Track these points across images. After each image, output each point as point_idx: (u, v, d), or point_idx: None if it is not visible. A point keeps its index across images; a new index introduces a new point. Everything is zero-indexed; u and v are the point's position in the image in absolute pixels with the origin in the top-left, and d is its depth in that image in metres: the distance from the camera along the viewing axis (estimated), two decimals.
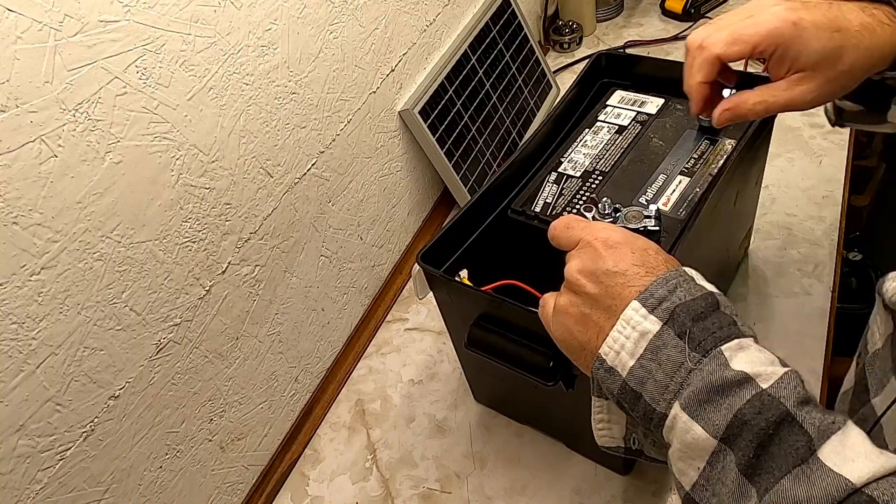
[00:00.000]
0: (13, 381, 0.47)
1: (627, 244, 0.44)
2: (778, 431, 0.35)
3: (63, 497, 0.53)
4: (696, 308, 0.40)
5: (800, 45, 0.45)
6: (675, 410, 0.38)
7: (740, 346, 0.39)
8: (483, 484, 0.72)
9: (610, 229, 0.46)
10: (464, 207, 0.64)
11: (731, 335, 0.39)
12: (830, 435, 0.35)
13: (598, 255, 0.44)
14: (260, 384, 0.72)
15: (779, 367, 0.38)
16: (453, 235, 0.64)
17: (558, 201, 0.64)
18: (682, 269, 0.43)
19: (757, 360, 0.38)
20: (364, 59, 0.79)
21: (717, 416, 0.36)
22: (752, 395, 0.36)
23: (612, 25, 1.31)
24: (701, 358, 0.38)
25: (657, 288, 0.41)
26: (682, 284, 0.41)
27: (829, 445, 0.34)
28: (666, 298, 0.40)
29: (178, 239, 0.58)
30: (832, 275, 0.81)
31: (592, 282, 0.43)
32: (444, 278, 0.60)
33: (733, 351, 0.38)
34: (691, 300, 0.40)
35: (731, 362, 0.38)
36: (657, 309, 0.40)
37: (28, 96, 0.44)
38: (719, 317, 0.40)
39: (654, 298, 0.40)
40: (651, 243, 0.45)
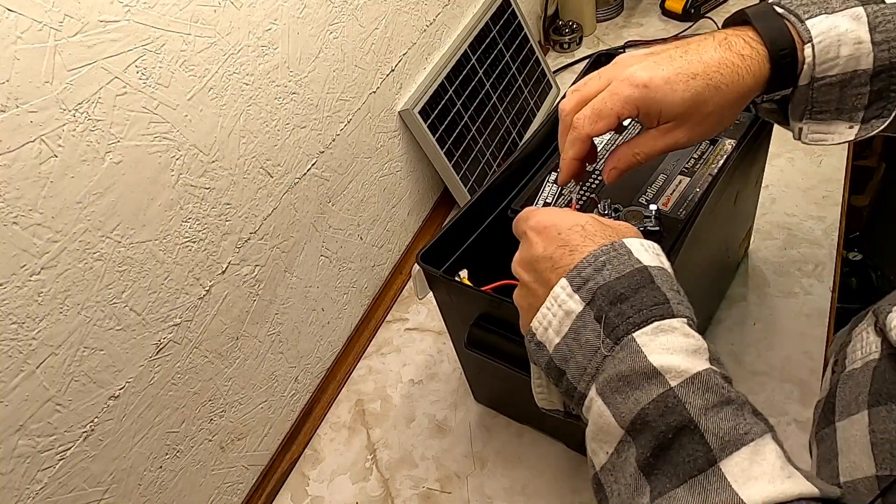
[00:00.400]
0: (13, 381, 0.47)
1: (555, 226, 0.44)
2: (678, 437, 0.34)
3: (63, 497, 0.53)
4: (617, 289, 0.39)
5: (658, 102, 0.46)
6: (592, 393, 0.38)
7: (659, 329, 0.38)
8: (483, 484, 0.72)
9: (543, 213, 0.46)
10: (464, 207, 0.64)
11: (651, 318, 0.38)
12: (740, 447, 0.34)
13: (530, 244, 0.45)
14: (260, 384, 0.72)
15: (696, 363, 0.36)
16: (453, 235, 0.64)
17: (558, 201, 0.64)
18: (618, 244, 0.41)
19: (676, 346, 0.37)
20: (364, 59, 0.79)
21: (625, 407, 0.36)
22: (659, 393, 0.35)
23: (612, 25, 1.31)
24: (613, 345, 0.38)
25: (585, 266, 0.40)
26: (611, 261, 0.40)
27: (735, 458, 0.33)
28: (591, 278, 0.40)
29: (178, 239, 0.58)
30: (832, 275, 0.81)
31: (527, 270, 0.44)
32: (444, 278, 0.60)
33: (649, 337, 0.37)
34: (615, 280, 0.39)
35: (645, 350, 0.37)
36: (582, 289, 0.40)
37: (28, 96, 0.44)
38: (643, 296, 0.39)
39: (581, 278, 0.40)
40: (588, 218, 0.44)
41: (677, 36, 1.23)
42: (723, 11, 1.25)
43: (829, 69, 0.46)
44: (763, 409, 0.74)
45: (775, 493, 0.32)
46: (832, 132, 0.48)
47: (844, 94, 0.46)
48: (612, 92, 0.47)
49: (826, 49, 0.45)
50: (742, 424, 0.34)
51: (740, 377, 0.74)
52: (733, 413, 0.35)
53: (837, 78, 0.46)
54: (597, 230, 0.43)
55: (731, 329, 0.78)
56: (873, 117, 0.47)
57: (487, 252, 0.66)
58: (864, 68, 0.45)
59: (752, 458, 0.33)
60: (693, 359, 0.37)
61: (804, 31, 0.45)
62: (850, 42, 0.45)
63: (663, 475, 0.35)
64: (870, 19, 0.45)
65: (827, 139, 0.49)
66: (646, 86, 0.46)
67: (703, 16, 1.24)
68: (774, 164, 0.94)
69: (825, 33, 0.45)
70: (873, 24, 0.44)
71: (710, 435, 0.34)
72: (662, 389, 0.35)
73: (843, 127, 0.48)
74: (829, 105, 0.47)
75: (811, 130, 0.49)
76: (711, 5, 1.26)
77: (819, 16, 0.45)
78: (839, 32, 0.45)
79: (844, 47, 0.45)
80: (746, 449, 0.34)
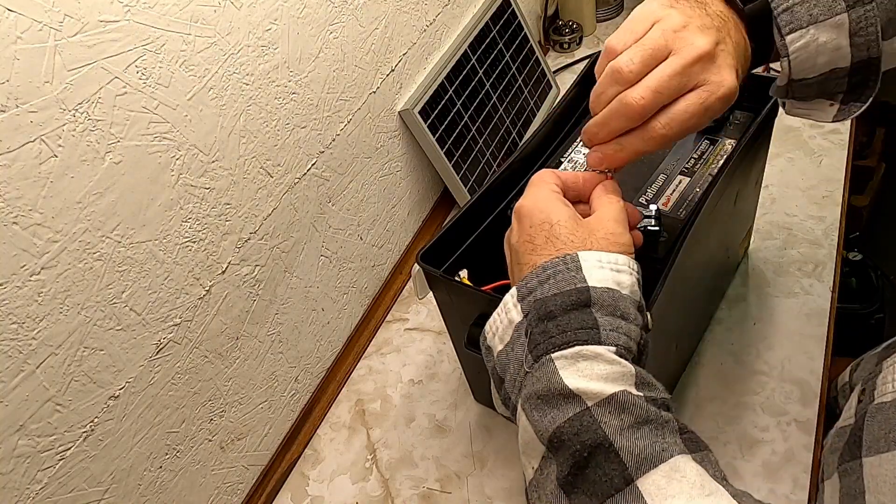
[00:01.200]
0: (13, 381, 0.47)
1: (530, 216, 0.43)
2: (594, 456, 0.34)
3: (63, 497, 0.53)
4: (549, 306, 0.38)
5: None
6: (519, 406, 0.38)
7: (580, 355, 0.37)
8: (483, 484, 0.72)
9: (530, 195, 0.45)
10: (464, 207, 0.64)
11: (573, 341, 0.37)
12: (657, 464, 0.33)
13: (512, 228, 0.45)
14: (260, 384, 0.72)
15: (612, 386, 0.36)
16: (453, 235, 0.64)
17: None
18: (570, 257, 0.40)
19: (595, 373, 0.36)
20: (364, 59, 0.79)
21: (542, 425, 0.36)
22: (575, 413, 0.35)
23: (612, 25, 1.31)
24: (533, 362, 0.38)
25: (533, 277, 0.40)
26: (555, 276, 0.39)
27: (652, 476, 0.33)
28: (535, 290, 0.40)
29: (178, 239, 0.58)
30: (832, 275, 0.81)
31: (509, 251, 0.45)
32: (444, 278, 0.60)
33: (567, 360, 0.37)
34: (552, 296, 0.39)
35: (561, 373, 0.36)
36: (525, 300, 0.40)
37: (28, 96, 0.44)
38: (571, 318, 0.38)
39: (527, 288, 0.40)
40: (564, 215, 0.43)
41: None
42: None
43: (805, 74, 0.46)
44: (763, 408, 0.74)
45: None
46: (814, 109, 0.49)
47: (823, 87, 0.47)
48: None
49: (802, 63, 0.46)
50: (659, 443, 0.34)
51: (740, 377, 0.74)
52: (650, 432, 0.35)
53: (814, 80, 0.47)
54: (562, 233, 0.42)
55: (731, 329, 0.78)
56: (852, 101, 0.48)
57: (487, 252, 0.66)
58: (841, 67, 0.46)
59: (671, 475, 0.33)
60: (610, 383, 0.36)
61: (782, 46, 0.45)
62: (829, 51, 0.45)
63: (582, 493, 0.34)
64: (851, 27, 0.44)
65: (811, 115, 0.50)
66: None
67: None
68: (774, 164, 0.94)
69: (802, 49, 0.45)
70: (854, 31, 0.44)
71: (626, 453, 0.34)
72: (579, 409, 0.35)
73: (825, 105, 0.48)
74: (808, 91, 0.48)
75: (793, 107, 0.50)
76: None
77: (799, 30, 0.45)
78: (818, 44, 0.45)
79: (822, 57, 0.45)
80: (664, 466, 0.33)
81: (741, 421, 0.70)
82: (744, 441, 0.69)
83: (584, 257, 0.40)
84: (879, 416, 0.44)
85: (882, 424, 0.43)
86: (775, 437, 0.68)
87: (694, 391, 0.74)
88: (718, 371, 0.75)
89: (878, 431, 0.42)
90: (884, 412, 0.43)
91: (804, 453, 0.67)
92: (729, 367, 0.75)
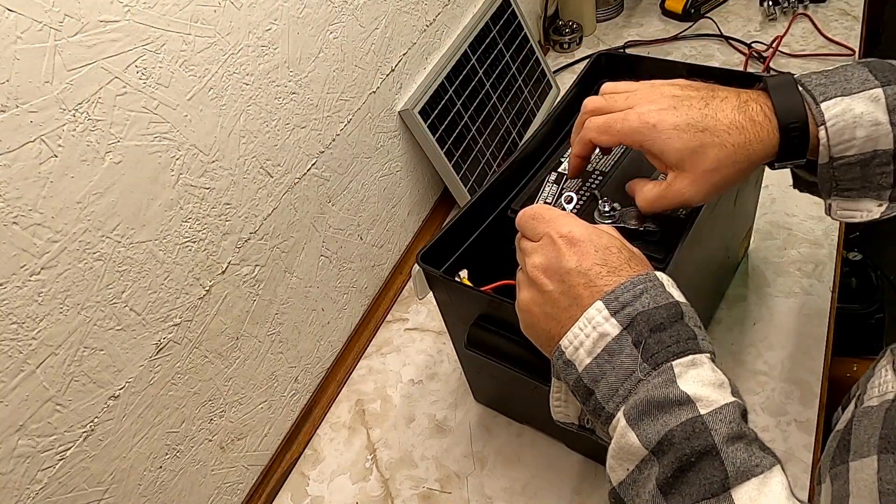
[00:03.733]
0: (13, 381, 0.47)
1: (590, 241, 0.45)
2: (700, 461, 0.36)
3: (63, 497, 0.53)
4: (657, 318, 0.40)
5: (660, 144, 0.49)
6: (620, 414, 0.39)
7: (693, 362, 0.39)
8: (483, 484, 0.72)
9: (573, 224, 0.46)
10: (464, 207, 0.64)
11: (687, 350, 0.40)
12: (750, 478, 0.36)
13: (559, 253, 0.44)
14: (260, 384, 0.72)
15: (724, 395, 0.39)
16: (453, 235, 0.64)
17: (558, 201, 0.64)
18: (652, 274, 0.43)
19: (706, 380, 0.39)
20: (364, 59, 0.79)
21: (651, 430, 0.38)
22: (687, 418, 0.37)
23: (612, 25, 1.31)
24: (651, 370, 0.39)
25: (623, 292, 0.41)
26: (648, 291, 0.41)
27: (745, 487, 0.35)
28: (629, 304, 0.41)
29: (178, 239, 0.58)
30: (832, 275, 0.81)
31: (553, 280, 0.44)
32: (444, 279, 0.60)
33: (684, 367, 0.39)
34: (654, 309, 0.41)
35: (679, 380, 0.39)
36: (619, 313, 0.41)
37: (28, 96, 0.44)
38: (679, 329, 0.40)
39: (618, 302, 0.41)
40: (615, 240, 0.46)
41: (677, 36, 1.23)
42: (723, 11, 1.26)
43: (845, 150, 0.47)
44: (763, 408, 0.74)
45: None
46: (860, 209, 0.49)
47: (867, 172, 0.47)
48: (625, 118, 0.50)
49: (840, 131, 0.46)
50: (754, 457, 0.36)
51: (740, 377, 0.74)
52: (747, 444, 0.37)
53: (856, 158, 0.47)
54: (630, 255, 0.45)
55: (731, 329, 0.78)
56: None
57: (487, 252, 0.66)
58: (883, 148, 0.46)
59: (761, 488, 0.35)
60: (720, 391, 0.39)
61: (818, 112, 0.46)
62: (867, 124, 0.45)
63: (679, 495, 0.36)
64: (888, 101, 0.45)
65: (855, 216, 0.49)
66: (653, 126, 0.49)
67: (703, 16, 1.25)
68: None
69: (839, 116, 0.46)
70: (892, 106, 0.45)
71: (729, 462, 0.36)
72: (692, 415, 0.37)
73: (871, 205, 0.49)
74: (853, 183, 0.48)
75: (839, 207, 0.50)
76: (711, 5, 1.26)
77: (835, 98, 0.46)
78: (854, 115, 0.45)
79: (860, 129, 0.46)
80: (756, 480, 0.36)
81: None
82: None
83: (660, 276, 0.43)
84: (865, 420, 0.45)
85: (867, 429, 0.44)
86: (775, 437, 0.68)
87: None
88: None
89: (863, 436, 0.44)
90: (869, 416, 0.45)
91: (804, 453, 0.67)
92: (729, 367, 0.75)
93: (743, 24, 1.22)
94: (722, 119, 0.48)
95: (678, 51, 1.21)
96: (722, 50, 1.19)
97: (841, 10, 1.20)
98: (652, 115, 0.49)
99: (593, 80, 0.78)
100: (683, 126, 0.48)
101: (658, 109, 0.49)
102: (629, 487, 0.40)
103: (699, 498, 0.36)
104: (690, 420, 0.37)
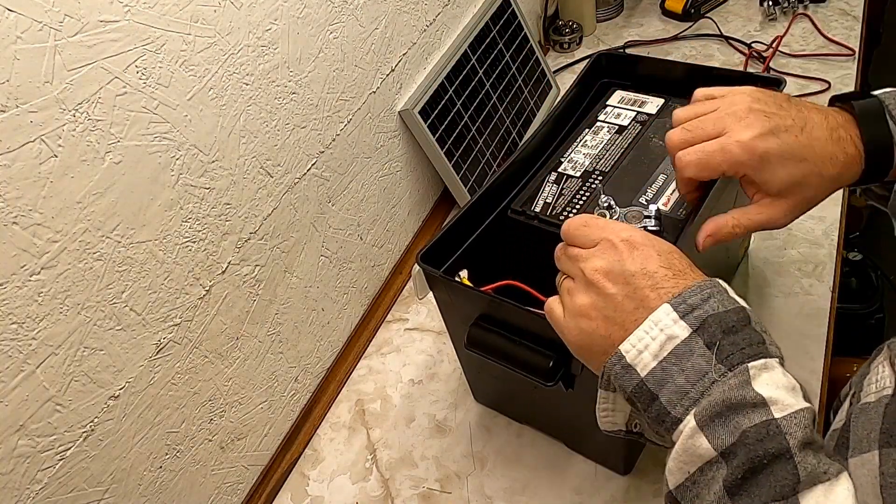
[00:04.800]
0: (13, 381, 0.47)
1: (652, 246, 0.44)
2: (772, 463, 0.36)
3: (63, 497, 0.53)
4: (728, 321, 0.40)
5: (766, 174, 0.48)
6: (689, 417, 0.39)
7: (766, 366, 0.39)
8: (483, 484, 0.72)
9: (632, 229, 0.45)
10: (464, 207, 0.64)
11: (759, 354, 0.40)
12: (818, 483, 0.36)
13: (621, 256, 0.44)
14: (260, 384, 0.72)
15: (797, 400, 0.38)
16: (453, 235, 0.64)
17: (558, 201, 0.64)
18: (715, 280, 0.43)
19: (780, 384, 0.39)
20: (364, 59, 0.79)
21: (724, 432, 0.37)
22: (762, 420, 0.37)
23: (612, 25, 1.31)
24: (726, 371, 0.39)
25: (691, 295, 0.41)
26: (715, 295, 0.41)
27: (813, 493, 0.35)
28: (698, 307, 0.40)
29: (178, 239, 0.58)
30: (832, 275, 0.81)
31: (616, 283, 0.43)
32: (444, 279, 0.60)
33: (758, 370, 0.39)
34: (724, 312, 0.40)
35: (754, 382, 0.38)
36: (688, 316, 0.40)
37: (28, 96, 0.44)
38: (749, 333, 0.40)
39: (687, 305, 0.41)
40: (674, 247, 0.45)
41: (677, 36, 1.23)
42: (723, 11, 1.26)
43: None
44: None
45: None
46: None
47: None
48: (724, 149, 0.48)
49: None
50: (823, 463, 0.36)
51: None
52: (815, 452, 0.37)
53: None
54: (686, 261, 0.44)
55: None
56: None
57: (487, 252, 0.66)
58: None
59: (827, 495, 0.36)
60: (794, 395, 0.39)
61: None
62: None
63: (747, 496, 0.36)
64: None
65: None
66: (761, 157, 0.47)
67: (703, 16, 1.25)
68: None
69: None
70: None
71: (801, 467, 0.36)
72: (766, 417, 0.37)
73: None
74: None
75: None
76: (711, 5, 1.26)
77: None
78: None
79: None
80: (822, 486, 0.36)
81: None
82: None
83: (721, 283, 0.43)
84: (863, 416, 0.45)
85: (865, 425, 0.44)
86: None
87: None
88: None
89: (861, 432, 0.43)
90: (867, 413, 0.44)
91: None
92: None
93: (743, 24, 1.22)
94: (818, 150, 0.48)
95: (678, 51, 1.21)
96: (722, 50, 1.19)
97: (841, 10, 1.20)
98: (756, 145, 0.47)
99: (593, 80, 0.78)
100: (788, 155, 0.47)
101: (759, 136, 0.48)
102: (688, 490, 0.39)
103: (767, 500, 0.36)
104: (765, 423, 0.37)
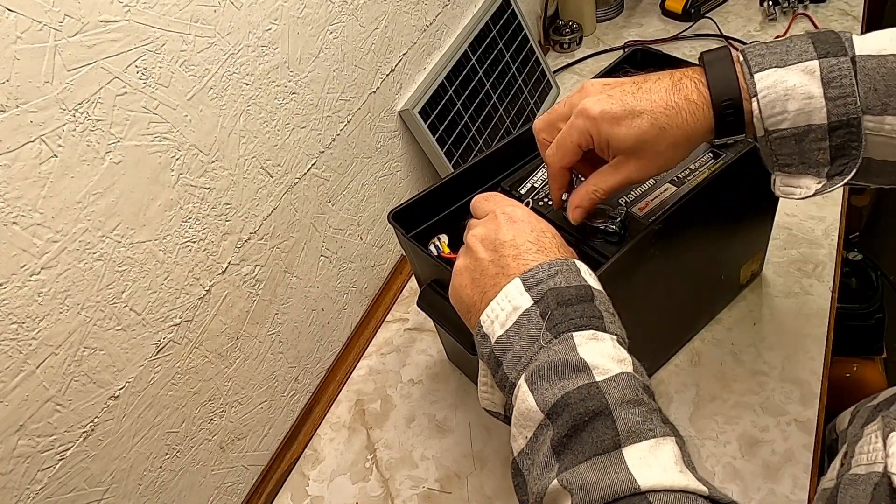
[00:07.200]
0: (13, 381, 0.47)
1: (528, 223, 0.47)
2: (593, 421, 0.38)
3: (63, 497, 0.53)
4: (566, 295, 0.42)
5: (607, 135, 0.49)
6: (521, 381, 0.41)
7: (594, 336, 0.41)
8: (483, 484, 0.72)
9: (516, 206, 0.49)
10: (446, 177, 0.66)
11: (589, 326, 0.42)
12: (642, 440, 0.37)
13: (498, 226, 0.47)
14: (260, 384, 0.72)
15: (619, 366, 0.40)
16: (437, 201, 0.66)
17: (545, 187, 0.65)
18: (570, 261, 0.45)
19: (605, 353, 0.40)
20: (364, 59, 0.79)
21: (549, 393, 0.39)
22: (584, 383, 0.39)
23: (612, 25, 1.31)
24: (553, 338, 0.41)
25: (539, 270, 0.44)
26: (563, 272, 0.44)
27: (637, 448, 0.37)
28: (543, 281, 0.43)
29: (178, 239, 0.58)
30: (832, 275, 0.81)
31: (488, 249, 0.47)
32: (405, 237, 0.61)
33: (585, 339, 0.41)
34: (564, 287, 0.43)
35: (579, 349, 0.40)
36: (533, 289, 0.43)
37: (28, 96, 0.44)
38: (585, 308, 0.42)
39: (534, 279, 0.43)
40: (552, 229, 0.48)
41: (677, 36, 1.23)
42: (723, 11, 1.26)
43: (778, 123, 0.46)
44: (763, 408, 0.74)
45: (666, 481, 0.35)
46: (800, 186, 0.48)
47: (803, 147, 0.46)
48: (569, 125, 0.51)
49: (771, 104, 0.45)
50: (648, 423, 0.38)
51: (740, 377, 0.74)
52: (643, 413, 0.38)
53: (790, 132, 0.46)
54: (557, 241, 0.47)
55: (731, 329, 0.78)
56: (836, 174, 0.47)
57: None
58: (817, 123, 0.45)
59: (652, 451, 0.37)
60: (618, 365, 0.40)
61: (751, 84, 0.46)
62: (799, 97, 0.45)
63: (571, 453, 0.38)
64: (823, 74, 0.44)
65: (795, 193, 0.48)
66: (595, 119, 0.49)
67: (703, 16, 1.25)
68: None
69: (770, 88, 0.45)
70: (826, 80, 0.44)
71: (621, 423, 0.37)
72: (588, 380, 0.39)
73: (811, 182, 0.48)
74: (791, 158, 0.47)
75: (781, 182, 0.49)
76: (711, 5, 1.26)
77: (769, 69, 0.45)
78: (786, 87, 0.45)
79: (792, 102, 0.45)
80: (647, 443, 0.37)
81: (741, 421, 0.70)
82: (744, 441, 0.69)
83: (578, 264, 0.46)
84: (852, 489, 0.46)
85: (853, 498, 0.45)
86: (775, 437, 0.68)
87: (694, 391, 0.74)
88: (718, 371, 0.75)
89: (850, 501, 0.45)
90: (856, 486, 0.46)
91: (804, 453, 0.67)
92: (729, 367, 0.75)
93: (743, 24, 1.22)
94: (657, 100, 0.48)
95: (678, 51, 1.21)
96: None
97: (841, 10, 1.20)
98: (592, 108, 0.49)
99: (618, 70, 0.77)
100: (622, 113, 0.48)
101: (596, 101, 0.49)
102: (527, 457, 0.40)
103: (589, 455, 0.37)
104: (587, 385, 0.39)
